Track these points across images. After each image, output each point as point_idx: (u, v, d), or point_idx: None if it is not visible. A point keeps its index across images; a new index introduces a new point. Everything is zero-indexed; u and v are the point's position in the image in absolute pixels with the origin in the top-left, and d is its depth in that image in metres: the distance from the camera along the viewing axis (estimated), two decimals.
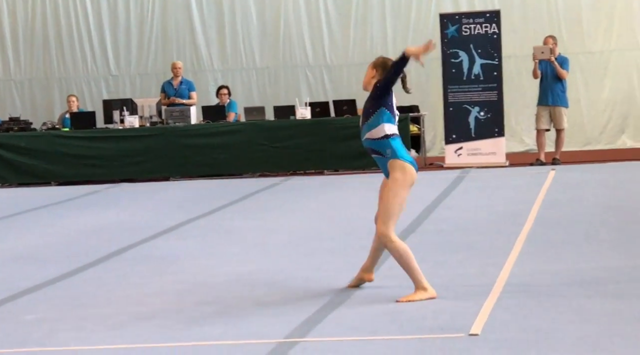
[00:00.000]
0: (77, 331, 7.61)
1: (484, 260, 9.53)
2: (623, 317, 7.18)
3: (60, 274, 9.96)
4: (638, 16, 21.82)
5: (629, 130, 21.88)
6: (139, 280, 9.50)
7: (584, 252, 9.80)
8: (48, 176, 19.67)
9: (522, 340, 6.64)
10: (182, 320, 7.76)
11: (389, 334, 6.99)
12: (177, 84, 20.74)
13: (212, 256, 10.66)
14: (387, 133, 7.93)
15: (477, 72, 19.43)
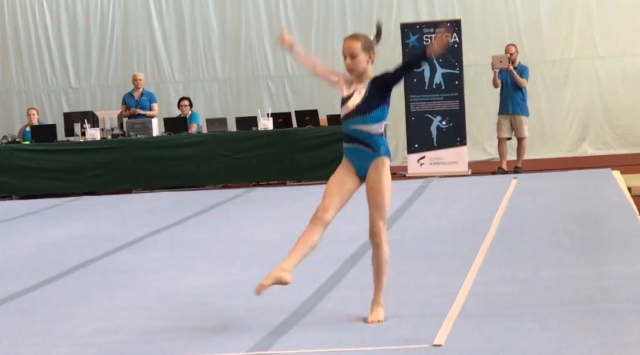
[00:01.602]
0: (39, 346, 7.57)
1: (447, 270, 9.55)
2: (585, 325, 7.21)
3: (22, 288, 9.91)
4: (597, 25, 21.97)
5: (590, 138, 22.02)
6: (102, 294, 9.46)
7: (546, 260, 9.83)
8: (8, 190, 19.59)
9: (485, 350, 6.66)
10: (145, 335, 7.73)
11: (353, 346, 6.99)
12: (138, 96, 20.71)
13: (175, 269, 10.63)
14: (381, 131, 7.60)
15: (438, 81, 19.50)
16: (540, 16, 22.04)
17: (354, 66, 7.54)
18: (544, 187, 16.10)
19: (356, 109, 7.52)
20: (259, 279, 9.66)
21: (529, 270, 9.38)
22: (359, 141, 7.54)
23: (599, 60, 22.03)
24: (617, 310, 7.60)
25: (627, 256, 9.77)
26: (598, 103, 21.97)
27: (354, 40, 7.60)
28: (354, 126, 7.54)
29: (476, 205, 14.48)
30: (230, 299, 8.84)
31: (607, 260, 9.69)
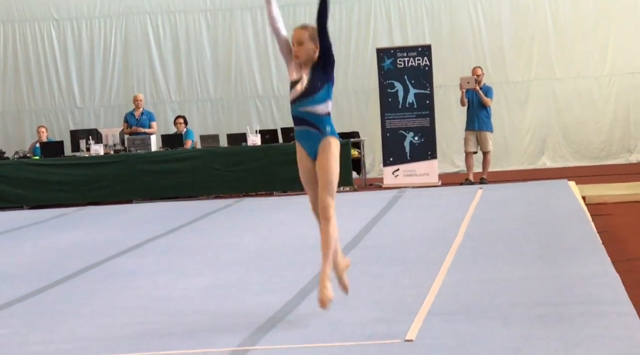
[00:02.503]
0: (46, 344, 7.54)
1: (419, 272, 9.55)
2: (542, 322, 7.21)
3: (31, 290, 9.88)
4: (554, 50, 22.05)
5: (548, 152, 22.08)
6: (105, 296, 9.44)
7: (509, 263, 9.84)
8: (20, 201, 19.54)
9: (452, 345, 6.66)
10: (144, 333, 7.72)
11: (332, 342, 6.98)
12: (139, 115, 20.68)
13: (170, 272, 10.61)
14: (329, 110, 7.49)
15: (411, 100, 19.52)
16: (502, 42, 22.11)
17: (300, 53, 7.43)
18: (507, 196, 16.13)
19: (304, 91, 7.43)
20: (246, 281, 9.68)
21: (493, 272, 9.39)
22: (307, 123, 7.46)
23: (556, 82, 22.10)
24: (572, 308, 7.61)
25: (581, 259, 9.78)
26: (555, 120, 22.03)
27: (302, 29, 7.51)
28: (302, 108, 7.44)
29: (445, 213, 14.49)
30: (221, 300, 8.83)
31: (563, 263, 9.70)
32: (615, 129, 21.99)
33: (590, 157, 21.91)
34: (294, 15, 22.44)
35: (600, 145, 22.00)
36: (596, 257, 9.80)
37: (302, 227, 13.47)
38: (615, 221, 13.33)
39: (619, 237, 11.90)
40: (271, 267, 10.50)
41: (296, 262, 10.58)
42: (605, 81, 22.06)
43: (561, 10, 22.07)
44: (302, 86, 7.44)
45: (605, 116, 22.00)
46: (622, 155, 21.98)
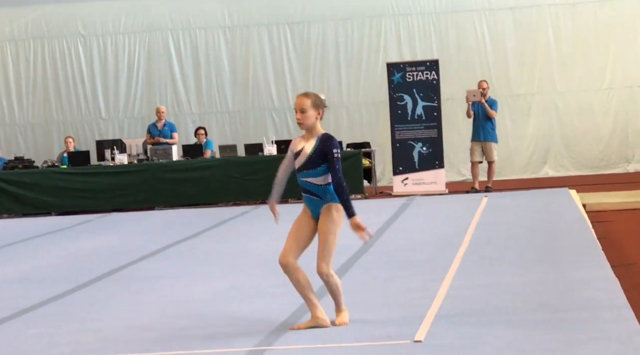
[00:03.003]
0: (73, 344, 7.56)
1: (427, 276, 9.54)
2: (544, 324, 7.20)
3: (59, 293, 9.90)
4: (555, 64, 22.03)
5: (550, 162, 22.05)
6: (128, 298, 9.46)
7: (513, 268, 9.83)
8: (48, 207, 19.58)
9: (459, 346, 6.65)
10: (166, 333, 7.72)
11: (344, 342, 6.98)
12: (161, 126, 20.72)
13: (191, 276, 10.62)
14: (328, 181, 7.37)
15: (419, 113, 19.51)
16: (507, 57, 22.10)
17: (303, 120, 7.33)
18: (511, 204, 16.11)
19: (304, 163, 7.40)
20: (262, 284, 9.68)
21: (497, 276, 9.38)
22: (309, 192, 7.45)
23: (557, 95, 22.07)
24: (572, 311, 7.60)
25: (582, 264, 9.77)
26: (557, 131, 22.00)
27: (304, 97, 7.38)
28: (304, 178, 7.45)
29: (452, 219, 14.48)
30: (238, 302, 8.83)
31: (565, 268, 9.69)
32: (614, 140, 21.95)
33: (590, 167, 21.87)
34: (308, 32, 22.46)
35: (600, 155, 21.95)
36: (596, 261, 9.78)
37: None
38: (614, 228, 13.31)
39: (617, 242, 11.87)
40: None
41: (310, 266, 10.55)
42: (604, 95, 22.03)
43: (563, 28, 22.05)
44: (304, 158, 7.42)
45: (605, 128, 21.97)
46: (620, 165, 21.94)
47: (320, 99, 7.43)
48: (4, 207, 19.58)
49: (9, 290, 10.33)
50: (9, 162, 20.33)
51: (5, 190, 19.53)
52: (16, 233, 16.09)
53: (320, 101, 7.40)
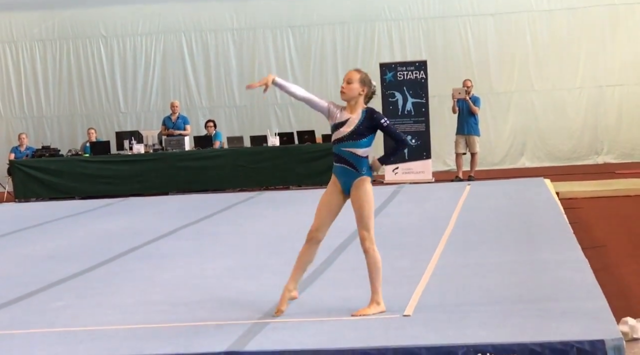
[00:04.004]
0: (94, 315, 7.56)
1: (415, 256, 9.55)
2: (520, 299, 7.21)
3: (82, 269, 9.91)
4: (532, 65, 22.01)
5: (527, 154, 22.05)
6: (144, 274, 9.46)
7: (493, 249, 9.83)
8: (72, 192, 19.57)
9: (445, 319, 6.66)
10: (178, 306, 7.73)
11: (341, 315, 6.98)
12: (175, 119, 20.70)
13: (201, 255, 10.62)
14: (367, 154, 7.12)
15: (409, 108, 19.49)
16: (488, 58, 22.08)
17: (346, 90, 7.01)
18: (491, 191, 16.11)
19: (349, 134, 7.02)
20: (266, 263, 9.68)
21: (479, 257, 9.38)
22: (347, 162, 7.06)
23: (534, 93, 22.05)
24: (546, 289, 7.61)
25: (555, 247, 9.77)
26: (533, 126, 21.99)
27: (355, 72, 7.11)
28: (346, 148, 7.04)
29: (438, 205, 14.48)
30: (245, 279, 8.83)
31: (539, 249, 9.69)
32: (585, 134, 21.94)
33: (563, 159, 21.86)
34: (309, 34, 22.44)
35: (572, 148, 21.95)
36: (568, 244, 9.79)
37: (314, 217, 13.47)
38: (584, 213, 13.32)
39: (587, 227, 11.89)
40: (288, 251, 10.48)
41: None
42: (576, 93, 22.01)
43: (539, 32, 22.04)
44: (349, 129, 7.04)
45: (576, 123, 21.96)
46: (590, 157, 21.94)
47: (369, 80, 7.11)
48: (33, 192, 19.57)
49: (38, 266, 10.34)
50: (37, 151, 20.33)
51: (33, 176, 19.52)
52: (44, 215, 16.09)
53: (369, 81, 7.09)
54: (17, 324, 7.35)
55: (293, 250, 10.41)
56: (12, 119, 23.00)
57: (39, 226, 14.49)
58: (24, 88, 22.96)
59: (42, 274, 9.71)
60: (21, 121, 22.95)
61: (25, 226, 14.42)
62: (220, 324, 6.95)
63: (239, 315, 7.18)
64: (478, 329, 6.29)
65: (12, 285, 9.14)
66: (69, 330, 7.04)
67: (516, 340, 5.89)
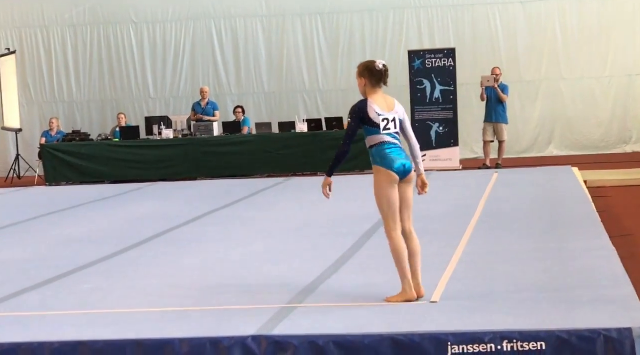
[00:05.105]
0: (123, 298, 7.60)
1: (442, 243, 9.53)
2: (548, 287, 7.18)
3: (111, 252, 9.96)
4: (561, 53, 21.87)
5: (555, 142, 21.94)
6: (172, 258, 9.49)
7: (520, 237, 9.80)
8: (102, 176, 19.66)
9: (471, 306, 6.64)
10: (206, 290, 7.75)
11: (368, 301, 6.98)
12: (205, 105, 20.75)
13: (229, 239, 10.64)
14: (371, 144, 6.98)
15: (437, 96, 19.42)
16: (517, 46, 21.95)
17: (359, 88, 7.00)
18: (519, 179, 16.05)
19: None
20: (294, 248, 9.70)
21: (506, 244, 9.36)
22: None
23: (563, 81, 21.91)
24: (574, 277, 7.57)
25: (583, 235, 9.73)
26: (561, 115, 21.86)
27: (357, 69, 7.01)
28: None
29: (465, 193, 14.45)
30: (272, 264, 8.85)
31: (567, 237, 9.65)
32: (614, 123, 21.80)
33: (591, 147, 21.73)
34: (338, 21, 22.39)
35: (601, 137, 21.81)
36: (595, 232, 9.74)
37: (341, 202, 13.48)
38: (612, 202, 13.24)
39: (615, 216, 11.82)
40: (315, 236, 10.51)
41: (337, 233, 10.58)
42: (605, 82, 21.86)
43: (569, 20, 21.88)
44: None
45: (605, 112, 21.82)
46: (619, 146, 21.80)
47: (364, 66, 6.95)
48: (63, 176, 19.68)
49: (68, 249, 10.40)
50: (68, 135, 20.43)
51: (64, 160, 19.63)
52: (74, 199, 16.18)
53: (364, 68, 6.93)
54: (47, 306, 7.40)
55: (321, 236, 10.44)
56: (43, 103, 23.12)
57: (69, 210, 14.58)
58: (55, 73, 23.07)
59: (72, 257, 9.76)
60: (52, 106, 23.06)
61: (56, 209, 14.51)
62: (247, 308, 6.96)
63: (266, 299, 7.19)
64: (505, 315, 6.27)
65: (42, 267, 9.20)
66: (98, 312, 7.08)
67: (543, 327, 5.87)
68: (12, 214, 14.34)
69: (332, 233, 10.59)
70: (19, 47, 22.83)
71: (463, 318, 6.26)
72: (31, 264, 9.46)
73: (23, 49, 22.96)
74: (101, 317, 6.88)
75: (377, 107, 6.97)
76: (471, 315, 6.32)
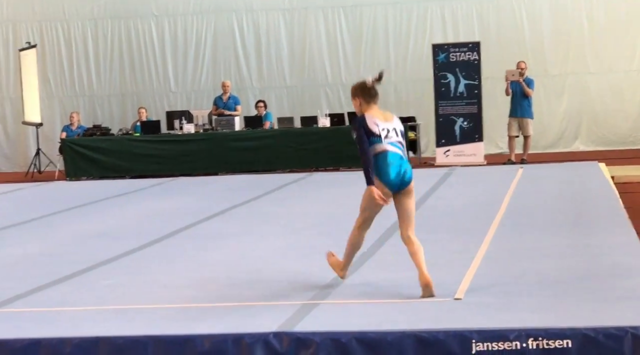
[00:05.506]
0: (144, 293, 7.63)
1: (466, 239, 9.51)
2: (575, 284, 7.16)
3: (132, 248, 9.99)
4: (588, 47, 21.75)
5: (581, 137, 21.83)
6: (193, 254, 9.52)
7: (546, 233, 9.76)
8: (122, 171, 19.74)
9: (496, 303, 6.62)
10: (227, 286, 7.77)
11: (391, 298, 6.98)
12: (226, 99, 20.78)
13: (251, 235, 10.66)
14: (374, 153, 7.04)
15: (461, 90, 19.38)
16: (543, 39, 21.86)
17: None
18: (544, 175, 15.99)
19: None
20: (316, 243, 9.70)
21: (531, 241, 9.33)
22: None
23: (589, 76, 21.80)
24: (600, 273, 7.54)
25: (609, 230, 9.68)
26: (588, 109, 21.75)
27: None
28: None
29: (490, 188, 14.41)
30: (294, 260, 8.86)
31: (594, 234, 9.61)
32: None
33: (618, 142, 21.61)
34: (360, 15, 22.36)
35: (628, 132, 21.68)
36: (622, 229, 9.70)
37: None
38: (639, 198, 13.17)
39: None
40: (338, 232, 10.49)
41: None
42: (633, 75, 21.73)
43: (595, 12, 21.77)
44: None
45: (633, 106, 21.69)
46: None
47: (355, 88, 7.17)
48: (84, 171, 19.77)
49: (88, 245, 10.45)
50: (88, 130, 20.52)
51: (84, 155, 19.72)
52: (94, 194, 16.24)
53: (355, 89, 7.15)
54: (68, 301, 7.44)
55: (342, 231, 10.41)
56: (63, 97, 23.22)
57: (89, 205, 14.64)
58: (76, 67, 23.17)
59: (93, 252, 9.80)
60: (72, 100, 23.16)
61: (77, 205, 14.57)
62: (269, 304, 6.97)
63: (288, 296, 7.20)
64: (530, 313, 6.26)
65: (63, 262, 9.25)
66: (119, 308, 7.11)
67: (569, 325, 5.84)
68: (33, 208, 14.42)
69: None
70: (39, 41, 22.93)
71: (487, 315, 6.25)
72: (51, 259, 9.51)
73: (44, 42, 23.06)
74: (122, 313, 6.90)
75: (375, 119, 7.10)
76: (496, 312, 6.31)
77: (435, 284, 7.01)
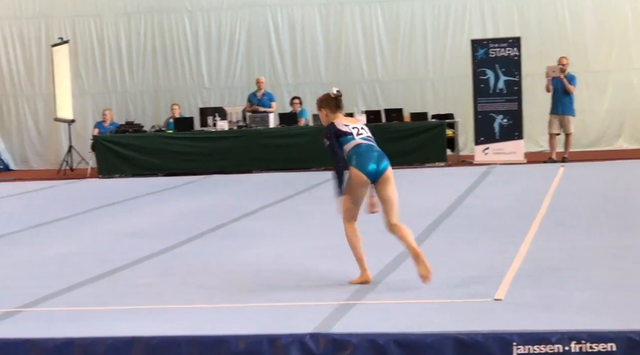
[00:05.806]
0: (178, 293, 7.66)
1: (507, 239, 9.47)
2: (619, 285, 7.11)
3: (166, 247, 10.04)
4: (633, 42, 21.58)
5: (625, 135, 21.66)
6: (228, 253, 9.54)
7: (588, 233, 9.71)
8: (155, 169, 19.82)
9: (537, 304, 6.60)
10: (261, 285, 7.79)
11: (430, 298, 6.97)
12: (261, 95, 20.82)
13: (285, 233, 10.68)
14: (348, 149, 7.76)
15: (501, 87, 19.31)
16: (585, 34, 21.71)
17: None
18: (587, 174, 15.89)
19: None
20: None
21: (573, 241, 9.27)
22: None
23: (634, 72, 21.62)
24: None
25: None
26: (632, 106, 21.57)
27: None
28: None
29: (530, 187, 14.34)
30: (330, 260, 8.85)
31: (637, 234, 9.54)
32: None
33: None
34: (397, 9, 22.33)
35: None
36: None
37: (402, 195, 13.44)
38: None
39: None
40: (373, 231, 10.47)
41: None
42: None
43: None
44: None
45: None
46: None
47: (320, 100, 8.07)
48: (116, 168, 19.88)
49: (122, 244, 10.51)
50: (121, 127, 20.64)
51: (117, 152, 19.83)
52: (126, 192, 16.34)
53: (321, 102, 8.04)
54: (101, 301, 7.49)
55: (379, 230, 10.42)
56: (96, 94, 23.37)
57: (122, 202, 14.72)
58: (108, 63, 23.30)
59: (126, 251, 9.87)
60: (105, 96, 23.30)
61: (109, 202, 14.66)
62: (305, 305, 6.99)
63: (324, 296, 7.21)
64: (573, 315, 6.23)
65: (96, 261, 9.31)
66: (152, 307, 7.14)
67: (613, 327, 5.81)
68: (65, 206, 14.52)
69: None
70: (71, 37, 23.07)
71: (529, 317, 6.22)
72: (85, 258, 9.57)
73: (76, 38, 23.21)
74: (156, 313, 6.94)
75: (343, 122, 7.88)
76: (537, 314, 6.28)
77: (475, 283, 6.99)
